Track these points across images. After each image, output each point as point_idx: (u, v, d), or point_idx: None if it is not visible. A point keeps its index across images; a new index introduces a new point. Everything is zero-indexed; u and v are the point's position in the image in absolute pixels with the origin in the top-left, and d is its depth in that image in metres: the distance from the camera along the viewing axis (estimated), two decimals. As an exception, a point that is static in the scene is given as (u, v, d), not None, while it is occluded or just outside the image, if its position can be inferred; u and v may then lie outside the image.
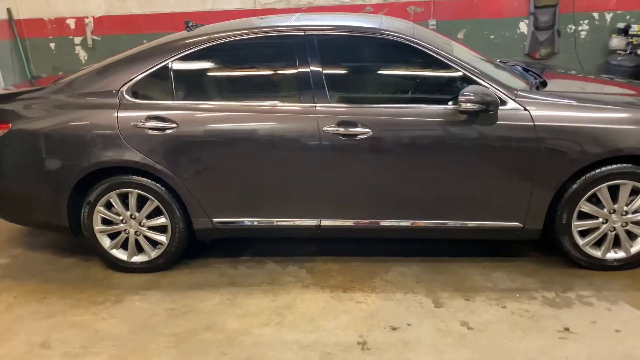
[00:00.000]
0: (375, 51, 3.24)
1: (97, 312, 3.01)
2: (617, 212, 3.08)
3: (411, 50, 3.07)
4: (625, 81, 4.19)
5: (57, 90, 3.36)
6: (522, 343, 2.58)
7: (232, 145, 3.13)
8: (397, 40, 3.09)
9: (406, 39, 3.08)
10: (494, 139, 3.00)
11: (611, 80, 4.10)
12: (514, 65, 3.96)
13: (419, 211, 3.17)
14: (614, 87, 3.78)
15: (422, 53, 3.06)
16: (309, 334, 2.71)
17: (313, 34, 3.14)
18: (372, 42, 3.16)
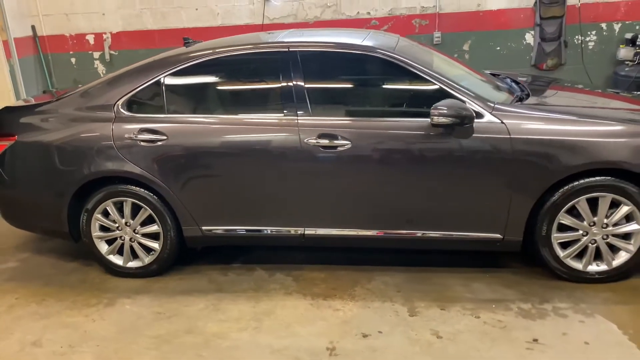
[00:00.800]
0: (355, 66, 3.33)
1: (89, 313, 3.18)
2: (597, 224, 3.08)
3: (390, 64, 3.16)
4: (630, 95, 4.15)
5: (60, 104, 3.58)
6: (489, 353, 2.62)
7: (218, 156, 3.27)
8: (376, 55, 3.19)
9: (385, 54, 3.17)
10: (470, 151, 3.05)
11: (616, 94, 4.06)
12: (504, 78, 4.00)
13: (398, 222, 3.24)
14: (614, 101, 3.74)
15: (401, 67, 3.15)
16: (282, 339, 2.81)
17: (296, 50, 3.26)
18: (352, 58, 3.26)
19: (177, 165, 3.31)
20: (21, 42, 6.27)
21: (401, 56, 3.17)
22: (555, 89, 3.92)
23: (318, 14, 6.10)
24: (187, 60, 3.38)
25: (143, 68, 3.49)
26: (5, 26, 5.90)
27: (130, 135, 3.33)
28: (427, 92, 3.15)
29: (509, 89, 3.61)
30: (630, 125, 3.03)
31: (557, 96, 3.77)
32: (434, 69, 3.21)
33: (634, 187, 2.98)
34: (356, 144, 3.12)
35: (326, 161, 3.18)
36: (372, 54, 3.20)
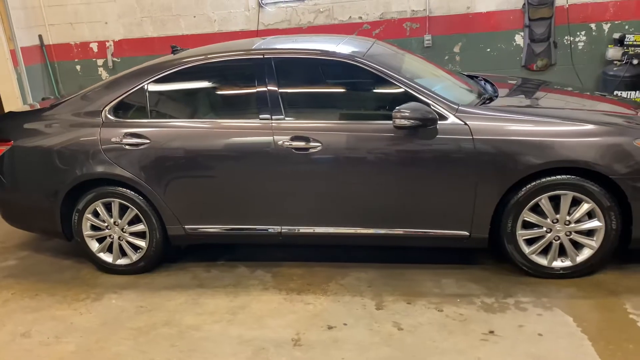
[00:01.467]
0: (325, 71, 3.49)
1: (77, 307, 3.38)
2: (560, 221, 3.18)
3: (358, 69, 3.31)
4: (616, 98, 4.23)
5: (54, 111, 3.80)
6: (444, 344, 2.74)
7: (197, 159, 3.45)
8: (345, 61, 3.34)
9: (353, 59, 3.32)
10: (434, 152, 3.18)
11: (603, 96, 4.12)
12: (480, 80, 4.10)
13: (369, 220, 3.38)
14: (599, 103, 3.83)
15: (368, 72, 3.29)
16: (252, 331, 2.97)
17: (271, 57, 3.43)
18: (323, 63, 3.42)
19: (159, 167, 3.50)
20: (29, 50, 6.56)
21: (369, 61, 3.31)
22: (545, 91, 3.99)
23: (311, 19, 6.26)
24: (168, 67, 3.57)
25: (129, 76, 3.69)
26: (12, 36, 6.19)
27: (116, 140, 3.53)
28: (393, 96, 3.28)
29: (479, 91, 3.72)
30: (592, 126, 3.12)
31: (528, 98, 3.87)
32: (401, 73, 3.34)
33: (594, 185, 3.08)
34: (326, 145, 3.27)
35: (299, 162, 3.33)
36: (341, 59, 3.35)
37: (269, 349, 2.79)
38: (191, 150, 3.45)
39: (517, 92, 4.00)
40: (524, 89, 4.11)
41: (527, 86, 4.18)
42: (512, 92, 3.87)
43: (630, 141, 3.06)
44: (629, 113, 3.50)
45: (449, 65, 6.20)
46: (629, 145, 3.05)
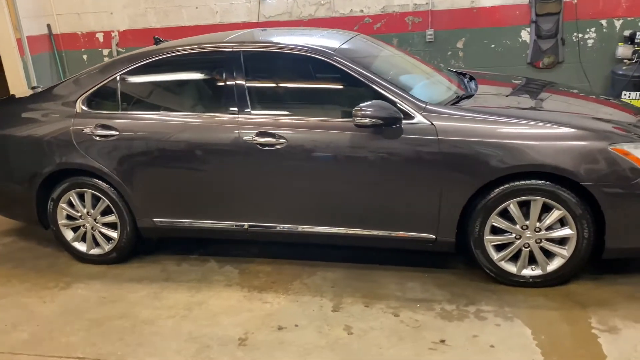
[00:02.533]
0: (292, 66, 3.41)
1: (43, 296, 3.42)
2: (530, 228, 3.05)
3: (325, 65, 3.23)
4: (620, 103, 4.01)
5: (34, 100, 3.84)
6: (389, 351, 2.66)
7: (164, 152, 3.43)
8: (311, 55, 3.26)
9: (319, 53, 3.24)
10: (399, 151, 3.07)
11: (607, 100, 3.86)
12: (467, 78, 3.95)
13: (332, 219, 3.31)
14: (598, 106, 3.63)
15: (335, 68, 3.21)
16: (202, 328, 2.94)
17: (240, 50, 3.38)
18: (290, 58, 3.34)
19: (127, 159, 3.50)
20: (37, 39, 6.68)
21: (337, 56, 3.22)
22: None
23: (312, 11, 6.17)
24: (139, 60, 3.56)
25: (103, 67, 3.70)
26: (18, 25, 6.30)
27: (88, 131, 3.54)
28: (360, 92, 3.18)
29: (457, 90, 3.58)
30: (566, 129, 2.97)
31: (511, 97, 3.70)
32: (370, 70, 3.24)
33: (564, 192, 2.93)
34: (291, 142, 3.21)
35: (264, 158, 3.27)
36: (308, 54, 3.27)
37: (213, 347, 2.77)
38: (158, 143, 3.43)
39: (503, 91, 3.84)
40: (526, 89, 3.91)
41: (530, 87, 3.98)
42: (496, 91, 3.71)
43: (605, 147, 2.89)
44: (626, 119, 3.31)
45: (452, 61, 6.03)
46: (604, 151, 2.89)
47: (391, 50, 3.99)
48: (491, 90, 3.83)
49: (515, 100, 3.60)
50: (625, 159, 2.88)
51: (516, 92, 3.78)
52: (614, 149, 2.88)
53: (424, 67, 3.92)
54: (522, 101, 3.60)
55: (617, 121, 3.26)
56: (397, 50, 4.09)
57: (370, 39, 4.01)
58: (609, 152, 2.88)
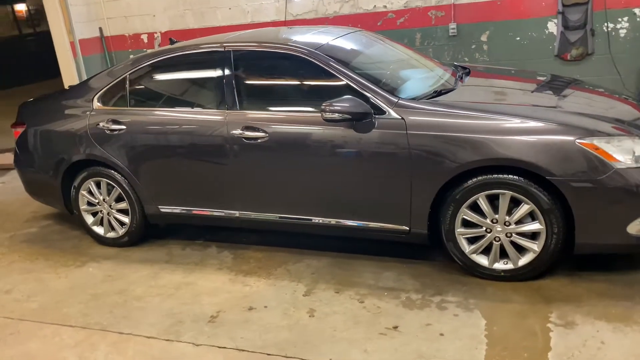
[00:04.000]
0: (276, 63, 3.59)
1: (60, 272, 3.84)
2: (499, 222, 3.07)
3: (304, 61, 3.39)
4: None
5: (62, 97, 4.29)
6: (343, 333, 2.80)
7: (164, 145, 3.74)
8: (291, 53, 3.43)
9: (299, 51, 3.40)
10: (370, 145, 3.19)
11: (625, 99, 3.69)
12: (465, 72, 3.94)
13: (312, 209, 3.47)
14: (613, 105, 3.54)
15: (313, 64, 3.36)
16: (182, 306, 3.21)
17: (230, 49, 3.61)
18: (274, 55, 3.53)
19: (133, 152, 3.84)
20: (89, 42, 7.29)
21: (314, 53, 3.37)
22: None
23: (337, 9, 6.31)
24: (144, 60, 3.89)
25: (117, 67, 4.07)
26: (71, 29, 6.92)
27: (101, 125, 3.92)
28: (336, 88, 3.32)
29: (445, 84, 3.62)
30: (535, 123, 2.96)
31: (494, 91, 3.67)
32: (349, 66, 3.37)
33: (532, 186, 2.93)
34: (272, 136, 3.41)
35: (249, 151, 3.50)
36: (288, 52, 3.45)
37: (185, 323, 3.03)
38: (158, 137, 3.75)
39: (493, 85, 3.83)
40: (551, 86, 3.85)
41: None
42: (480, 84, 3.71)
43: (572, 141, 2.86)
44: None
45: (476, 54, 5.97)
46: (571, 145, 2.86)
47: (388, 46, 4.08)
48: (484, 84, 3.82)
49: (500, 95, 3.59)
50: (593, 153, 2.84)
51: (522, 88, 3.76)
52: (581, 143, 2.85)
53: (423, 61, 4.00)
54: (514, 95, 3.56)
55: (619, 119, 3.14)
56: (398, 46, 4.17)
57: (370, 35, 4.14)
58: (576, 146, 2.85)
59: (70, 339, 2.98)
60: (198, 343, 2.82)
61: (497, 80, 3.99)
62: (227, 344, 2.79)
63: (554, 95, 3.63)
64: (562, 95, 3.60)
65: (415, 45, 6.13)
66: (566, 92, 3.61)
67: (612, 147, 2.86)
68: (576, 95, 3.59)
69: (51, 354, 2.86)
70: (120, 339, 2.93)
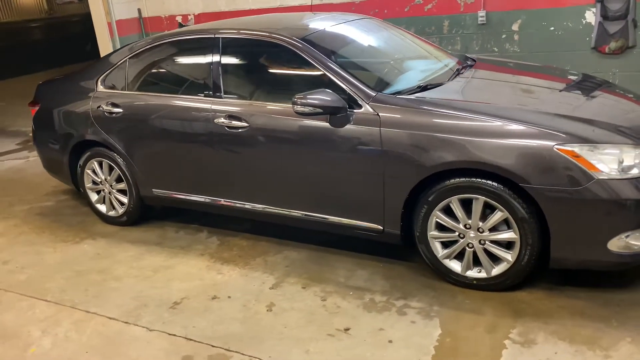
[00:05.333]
0: (260, 52, 3.54)
1: (58, 247, 4.02)
2: (472, 228, 2.91)
3: (287, 51, 3.32)
4: None
5: (71, 78, 4.45)
6: (293, 331, 2.76)
7: (155, 129, 3.80)
8: (275, 42, 3.36)
9: (283, 40, 3.33)
10: (345, 140, 3.09)
11: None
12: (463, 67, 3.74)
13: (287, 201, 3.43)
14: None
15: (295, 54, 3.28)
16: (153, 289, 3.28)
17: (219, 36, 3.59)
18: (258, 43, 3.48)
19: (128, 134, 3.94)
20: (127, 22, 7.50)
21: (297, 41, 3.29)
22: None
23: (364, -7, 6.15)
24: (144, 44, 3.95)
25: (120, 51, 4.16)
26: (109, 10, 7.14)
27: (102, 107, 4.03)
28: (317, 79, 3.23)
29: (437, 78, 3.44)
30: (514, 126, 2.75)
31: (482, 87, 3.43)
32: (333, 56, 3.28)
33: (505, 193, 2.74)
34: (252, 125, 3.38)
35: (231, 140, 3.49)
36: (272, 40, 3.38)
37: (149, 306, 3.09)
38: (150, 122, 3.81)
39: (494, 82, 3.60)
40: (581, 86, 3.55)
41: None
42: (469, 80, 3.49)
43: (550, 147, 2.65)
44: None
45: (506, 45, 5.63)
46: (548, 151, 2.65)
47: (394, 35, 3.95)
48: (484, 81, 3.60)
49: (492, 94, 3.35)
50: (572, 161, 2.61)
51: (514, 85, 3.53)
52: (560, 150, 2.63)
53: (427, 52, 3.85)
54: (504, 96, 3.33)
55: (631, 126, 2.86)
56: (405, 35, 4.03)
57: (377, 23, 4.03)
58: (554, 152, 2.63)
59: (42, 314, 3.12)
60: (152, 328, 2.88)
61: (505, 77, 3.74)
62: (179, 331, 2.82)
63: (571, 97, 3.35)
64: (583, 97, 3.34)
65: (443, 34, 5.87)
66: (592, 94, 3.35)
67: (595, 156, 2.62)
68: (597, 98, 3.31)
69: (18, 326, 3.01)
70: (85, 318, 3.04)
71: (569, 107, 3.14)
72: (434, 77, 3.47)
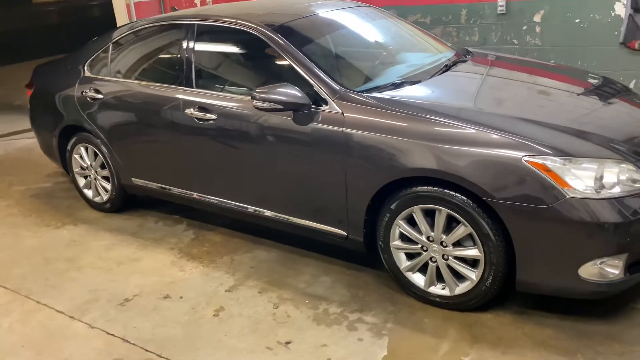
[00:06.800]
0: (233, 41, 3.36)
1: (38, 231, 4.02)
2: (435, 241, 2.67)
3: (259, 41, 3.12)
4: None
5: (62, 62, 4.42)
6: (231, 340, 2.62)
7: (132, 118, 3.71)
8: (245, 30, 3.18)
9: (253, 29, 3.14)
10: (308, 139, 2.90)
11: None
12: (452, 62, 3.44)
13: (253, 198, 3.29)
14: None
15: (265, 44, 3.09)
16: (110, 283, 3.21)
17: (195, 23, 3.44)
18: (231, 32, 3.29)
19: (108, 121, 3.87)
20: (145, 5, 7.46)
21: (266, 30, 3.10)
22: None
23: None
24: (126, 29, 3.85)
25: (106, 35, 4.07)
26: (128, -9, 7.12)
27: (85, 92, 3.98)
28: (285, 71, 3.04)
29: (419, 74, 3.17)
30: (485, 134, 2.48)
31: (462, 89, 3.11)
32: (308, 47, 3.07)
33: (469, 206, 2.49)
34: (219, 118, 3.23)
35: (200, 132, 3.34)
36: (242, 28, 3.20)
37: (99, 301, 3.02)
38: (127, 110, 3.72)
39: (467, 78, 3.28)
40: (598, 91, 3.24)
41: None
42: (455, 77, 3.20)
43: (518, 158, 2.37)
44: None
45: (527, 37, 5.23)
46: (516, 163, 2.37)
47: (388, 24, 3.71)
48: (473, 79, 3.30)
49: (470, 93, 3.04)
50: (542, 175, 2.33)
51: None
52: (529, 162, 2.35)
53: (421, 45, 3.60)
54: (486, 100, 3.02)
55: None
56: (402, 25, 3.78)
57: (372, 11, 3.80)
58: (522, 165, 2.35)
59: (-4, 301, 3.12)
60: (94, 326, 2.80)
61: (499, 74, 3.43)
62: (118, 331, 2.74)
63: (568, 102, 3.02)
64: (586, 103, 3.03)
65: (460, 23, 5.51)
66: (601, 100, 3.04)
67: (568, 171, 2.32)
68: (606, 105, 2.99)
69: (-30, 313, 3.01)
70: (34, 309, 3.00)
71: (556, 112, 2.83)
72: (419, 72, 3.21)
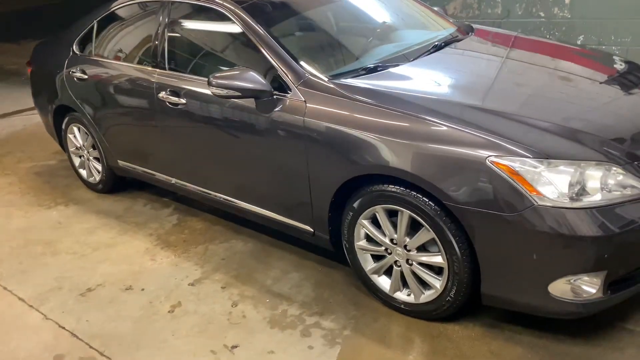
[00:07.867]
0: (204, 20, 3.16)
1: (31, 211, 4.03)
2: (399, 244, 2.43)
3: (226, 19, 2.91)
4: None
5: (55, 40, 4.36)
6: (176, 341, 2.51)
7: (112, 99, 3.61)
8: (213, 7, 2.97)
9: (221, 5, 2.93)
10: (269, 128, 2.69)
11: None
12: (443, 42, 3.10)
13: (222, 186, 3.15)
14: None
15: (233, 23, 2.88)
16: (79, 270, 3.16)
17: (169, 0, 3.26)
18: (201, 10, 3.11)
19: (93, 102, 3.79)
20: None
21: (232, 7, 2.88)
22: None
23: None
24: (110, 7, 3.72)
25: (92, 14, 3.96)
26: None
27: (72, 72, 3.90)
28: (250, 55, 2.82)
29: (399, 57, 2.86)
30: (449, 128, 2.19)
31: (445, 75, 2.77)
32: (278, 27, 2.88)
33: (432, 209, 2.23)
34: (188, 103, 3.07)
35: (172, 117, 3.20)
36: (210, 5, 2.99)
37: (63, 289, 2.98)
38: (108, 90, 3.62)
39: (456, 61, 2.94)
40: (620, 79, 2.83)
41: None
42: (441, 58, 2.88)
43: (482, 158, 2.08)
44: None
45: (554, 9, 4.75)
46: (480, 164, 2.09)
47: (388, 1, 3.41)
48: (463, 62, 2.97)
49: (451, 78, 2.73)
50: (508, 179, 2.04)
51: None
52: (494, 163, 2.06)
53: (422, 21, 3.36)
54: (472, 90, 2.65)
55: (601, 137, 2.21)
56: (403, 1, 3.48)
57: None
58: (486, 166, 2.07)
59: (-34, 283, 3.13)
60: (49, 317, 2.76)
61: (496, 54, 3.09)
62: (69, 324, 2.68)
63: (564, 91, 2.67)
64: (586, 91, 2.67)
65: (485, -6, 5.08)
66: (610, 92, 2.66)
67: (539, 175, 2.02)
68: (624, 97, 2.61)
69: None
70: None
71: (550, 105, 2.48)
72: (405, 53, 2.92)
